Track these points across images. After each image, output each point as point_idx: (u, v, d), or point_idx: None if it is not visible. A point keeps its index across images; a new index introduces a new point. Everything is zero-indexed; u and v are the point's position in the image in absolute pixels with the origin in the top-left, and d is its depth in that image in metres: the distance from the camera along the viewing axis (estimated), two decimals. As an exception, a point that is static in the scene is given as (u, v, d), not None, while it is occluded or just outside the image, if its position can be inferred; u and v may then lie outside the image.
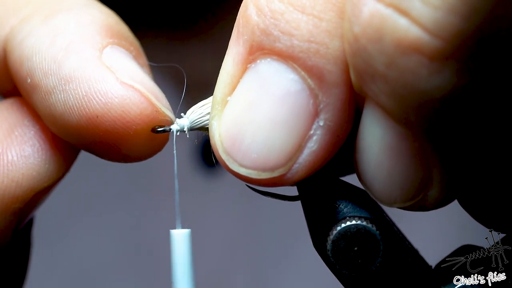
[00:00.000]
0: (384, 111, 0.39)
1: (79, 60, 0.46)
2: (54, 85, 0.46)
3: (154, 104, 0.46)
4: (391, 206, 0.43)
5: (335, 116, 0.41)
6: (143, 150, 0.48)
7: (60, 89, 0.46)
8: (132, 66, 0.48)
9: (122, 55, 0.48)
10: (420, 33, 0.36)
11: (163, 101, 0.47)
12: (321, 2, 0.40)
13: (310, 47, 0.40)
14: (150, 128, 0.47)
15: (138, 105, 0.46)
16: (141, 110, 0.46)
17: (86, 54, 0.46)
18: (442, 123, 0.38)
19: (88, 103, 0.45)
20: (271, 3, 0.41)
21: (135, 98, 0.46)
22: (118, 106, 0.45)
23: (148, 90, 0.47)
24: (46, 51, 0.46)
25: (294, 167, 0.42)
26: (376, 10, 0.37)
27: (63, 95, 0.45)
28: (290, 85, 0.41)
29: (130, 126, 0.46)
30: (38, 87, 0.46)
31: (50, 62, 0.46)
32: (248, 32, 0.41)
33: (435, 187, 0.41)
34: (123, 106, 0.45)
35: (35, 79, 0.47)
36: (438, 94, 0.37)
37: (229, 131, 0.42)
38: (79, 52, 0.46)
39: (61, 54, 0.46)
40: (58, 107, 0.46)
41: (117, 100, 0.45)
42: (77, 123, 0.46)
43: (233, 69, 0.42)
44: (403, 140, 0.40)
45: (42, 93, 0.46)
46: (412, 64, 0.37)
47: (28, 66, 0.47)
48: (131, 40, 0.50)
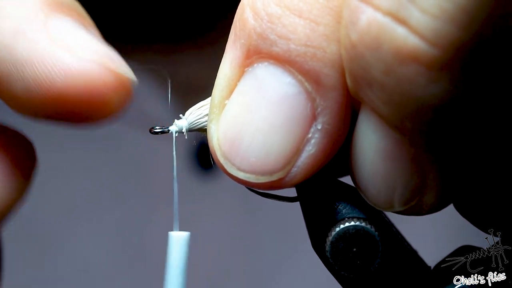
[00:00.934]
0: (380, 117, 0.39)
1: (29, 41, 0.46)
2: (10, 72, 0.46)
3: (114, 70, 0.46)
4: (386, 210, 0.43)
5: (333, 119, 0.41)
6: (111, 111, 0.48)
7: (18, 75, 0.45)
8: (82, 35, 0.47)
9: (70, 25, 0.47)
10: (418, 42, 0.36)
11: (118, 61, 0.47)
12: (318, 7, 0.40)
13: (307, 51, 0.40)
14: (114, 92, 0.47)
15: (99, 75, 0.45)
16: (103, 79, 0.46)
17: (34, 33, 0.46)
18: (438, 130, 0.38)
19: (50, 85, 0.45)
20: (268, 7, 0.41)
21: (94, 70, 0.45)
22: (80, 81, 0.45)
23: (105, 56, 0.46)
24: None
25: (292, 170, 0.42)
26: (374, 18, 0.37)
27: (23, 81, 0.45)
28: (287, 89, 0.41)
29: (96, 96, 0.46)
30: None
31: (1, 49, 0.46)
32: (245, 36, 0.41)
33: (430, 192, 0.41)
34: (86, 81, 0.45)
35: None
36: (435, 102, 0.37)
37: (227, 134, 0.42)
38: (26, 34, 0.46)
39: (8, 39, 0.46)
40: (20, 93, 0.46)
41: (78, 75, 0.45)
42: (42, 103, 0.46)
43: (230, 72, 0.42)
44: (398, 145, 0.40)
45: (1, 81, 0.46)
46: (409, 72, 0.36)
47: None
48: (75, 6, 0.49)
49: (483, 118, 0.38)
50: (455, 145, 0.39)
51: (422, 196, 0.41)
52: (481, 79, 0.36)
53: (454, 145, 0.39)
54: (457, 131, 0.38)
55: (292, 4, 0.40)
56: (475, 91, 0.37)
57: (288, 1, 0.40)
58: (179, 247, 0.46)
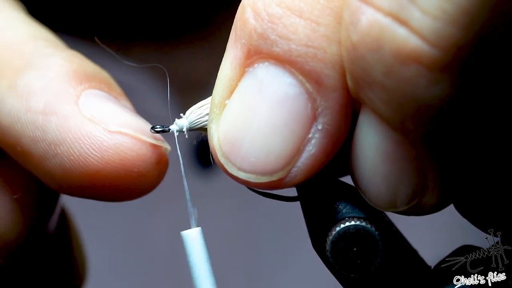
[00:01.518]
0: (381, 118, 0.39)
1: (61, 120, 0.45)
2: (44, 150, 0.46)
3: (147, 142, 0.46)
4: (386, 210, 0.43)
5: (333, 119, 0.41)
6: (147, 184, 0.48)
7: (52, 153, 0.45)
8: (113, 108, 0.47)
9: (99, 98, 0.47)
10: (419, 43, 0.36)
11: (150, 132, 0.47)
12: (319, 7, 0.40)
13: (307, 52, 0.40)
14: (151, 165, 0.47)
15: (132, 148, 0.46)
16: (137, 152, 0.46)
17: (65, 111, 0.46)
18: (439, 131, 0.38)
19: (84, 161, 0.45)
20: (269, 7, 0.41)
21: (127, 143, 0.46)
22: (114, 155, 0.45)
23: (138, 128, 0.47)
24: (25, 117, 0.46)
25: (292, 170, 0.42)
26: (374, 19, 0.37)
27: (58, 158, 0.45)
28: (288, 89, 0.41)
29: (132, 169, 0.46)
30: (30, 154, 0.46)
31: (33, 129, 0.46)
32: (246, 36, 0.41)
33: (430, 192, 0.41)
34: (119, 154, 0.45)
35: (24, 147, 0.46)
36: (436, 103, 0.37)
37: (227, 135, 0.42)
38: (57, 112, 0.46)
39: (40, 119, 0.46)
40: (56, 170, 0.46)
41: (112, 150, 0.45)
42: (79, 180, 0.46)
43: (231, 72, 0.42)
44: (398, 146, 0.40)
45: (35, 159, 0.46)
46: (410, 73, 0.37)
47: (12, 135, 0.47)
48: (102, 76, 0.49)
49: (483, 118, 0.38)
50: (456, 145, 0.39)
51: (422, 197, 0.41)
52: (481, 80, 0.36)
53: (455, 146, 0.39)
54: (458, 132, 0.38)
55: (293, 5, 0.40)
56: (475, 92, 0.37)
57: (289, 1, 0.40)
58: (194, 244, 0.46)
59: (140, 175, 0.46)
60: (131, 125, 0.46)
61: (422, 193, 0.41)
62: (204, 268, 0.45)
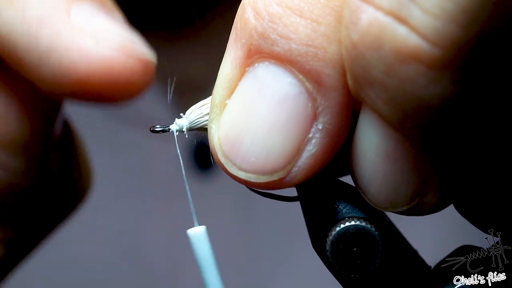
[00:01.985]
0: (381, 117, 0.39)
1: (52, 31, 0.47)
2: (37, 59, 0.47)
3: (134, 56, 0.48)
4: (386, 210, 0.43)
5: (334, 119, 0.41)
6: (137, 90, 0.49)
7: (45, 62, 0.47)
8: (102, 20, 0.49)
9: (91, 10, 0.49)
10: (419, 42, 0.36)
11: (139, 44, 0.49)
12: (319, 6, 0.40)
13: (308, 51, 0.40)
14: (137, 75, 0.48)
15: (118, 60, 0.47)
16: (123, 64, 0.47)
17: (57, 23, 0.47)
18: (439, 130, 0.38)
19: (73, 70, 0.47)
20: (269, 7, 0.41)
21: (113, 55, 0.47)
22: (101, 66, 0.47)
23: (123, 40, 0.48)
24: (21, 28, 0.48)
25: (293, 170, 0.42)
26: (375, 18, 0.37)
27: (49, 67, 0.47)
28: (288, 89, 0.41)
29: (118, 79, 0.47)
30: (25, 61, 0.48)
31: (27, 38, 0.47)
32: (246, 36, 0.41)
33: (431, 192, 0.41)
34: (106, 65, 0.47)
35: (19, 55, 0.48)
36: (436, 102, 0.37)
37: (228, 134, 0.42)
38: (49, 24, 0.47)
39: (34, 29, 0.47)
40: (47, 77, 0.47)
41: (99, 62, 0.47)
42: (69, 88, 0.47)
43: (231, 72, 0.42)
44: (399, 145, 0.40)
45: (29, 66, 0.48)
46: (410, 72, 0.36)
47: (9, 43, 0.48)
48: None
49: (484, 118, 0.38)
50: (456, 145, 0.39)
51: (423, 196, 0.41)
52: (482, 79, 0.36)
53: (455, 145, 0.39)
54: (458, 131, 0.38)
55: (293, 4, 0.40)
56: (476, 90, 0.37)
57: (289, 0, 0.40)
58: (201, 242, 0.46)
59: (127, 83, 0.48)
60: (119, 37, 0.48)
61: (422, 193, 0.41)
62: (213, 265, 0.46)
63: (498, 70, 0.36)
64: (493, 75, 0.37)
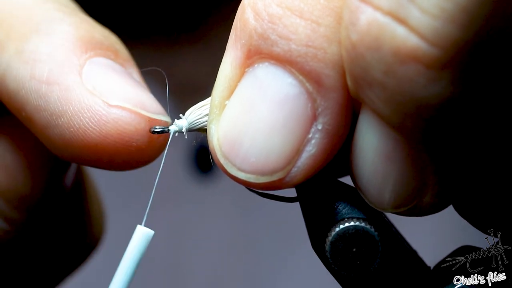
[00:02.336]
0: (380, 117, 0.39)
1: (62, 91, 0.46)
2: (47, 120, 0.46)
3: (146, 116, 0.47)
4: (385, 211, 0.43)
5: (333, 119, 0.41)
6: (146, 156, 0.48)
7: (54, 124, 0.46)
8: (115, 79, 0.47)
9: (103, 68, 0.48)
10: (418, 42, 0.36)
11: (154, 107, 0.48)
12: (319, 7, 0.40)
13: (308, 52, 0.40)
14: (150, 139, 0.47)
15: (131, 123, 0.46)
16: (136, 126, 0.46)
17: (67, 82, 0.46)
18: (438, 130, 0.38)
19: (84, 134, 0.46)
20: (269, 7, 0.41)
21: (126, 118, 0.46)
22: (113, 129, 0.46)
23: (138, 102, 0.47)
24: (29, 85, 0.46)
25: (292, 171, 0.42)
26: (374, 19, 0.37)
27: (58, 129, 0.46)
28: (288, 89, 0.41)
29: (130, 143, 0.46)
30: (33, 121, 0.47)
31: (36, 97, 0.46)
32: (246, 36, 0.41)
33: (429, 193, 0.41)
34: (118, 129, 0.46)
35: (28, 113, 0.47)
36: (435, 101, 0.37)
37: (227, 135, 0.42)
38: (60, 83, 0.46)
39: (44, 88, 0.46)
40: (57, 140, 0.46)
41: (110, 124, 0.46)
42: (79, 151, 0.46)
43: (231, 73, 0.42)
44: (398, 146, 0.40)
45: (38, 126, 0.47)
46: (409, 72, 0.36)
47: (18, 101, 0.47)
48: (109, 43, 0.49)
49: (483, 118, 0.38)
50: (455, 145, 0.39)
51: (422, 197, 0.41)
52: (481, 79, 0.36)
53: (454, 145, 0.39)
54: (457, 131, 0.38)
55: (293, 5, 0.40)
56: (475, 90, 0.37)
57: (289, 1, 0.40)
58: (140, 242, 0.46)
59: (139, 149, 0.47)
60: (132, 98, 0.47)
61: (421, 194, 0.41)
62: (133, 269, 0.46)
63: (497, 70, 0.36)
64: (492, 75, 0.37)
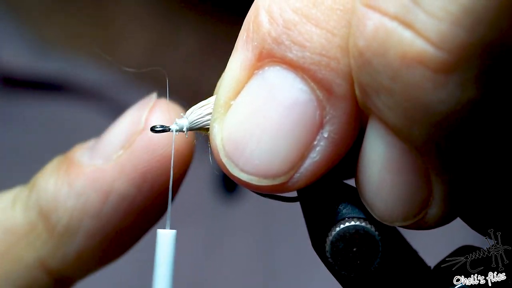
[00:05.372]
0: (388, 127, 0.39)
1: None
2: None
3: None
4: (393, 224, 0.42)
5: (340, 129, 0.41)
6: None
7: None
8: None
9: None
10: (425, 45, 0.36)
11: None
12: (335, 18, 0.40)
13: (321, 60, 0.40)
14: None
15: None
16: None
17: None
18: (446, 139, 0.38)
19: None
20: (285, 13, 0.40)
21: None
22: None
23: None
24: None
25: (295, 176, 0.42)
26: (381, 24, 0.37)
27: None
28: (298, 95, 0.41)
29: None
30: None
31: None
32: (259, 39, 0.41)
33: (437, 204, 0.41)
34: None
35: None
36: (443, 107, 0.36)
37: (232, 135, 0.42)
38: None
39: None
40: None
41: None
42: None
43: (240, 74, 0.42)
44: (405, 156, 0.39)
45: None
46: (416, 77, 0.36)
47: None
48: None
49: (493, 125, 0.37)
50: (464, 154, 0.38)
51: (428, 210, 0.41)
52: (490, 84, 0.36)
53: (463, 155, 0.39)
54: (466, 140, 0.38)
55: (310, 13, 0.40)
56: (484, 96, 0.36)
57: (306, 9, 0.40)
58: (165, 245, 0.46)
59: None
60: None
61: (428, 206, 0.41)
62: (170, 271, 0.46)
63: (506, 74, 0.36)
64: (501, 79, 0.36)
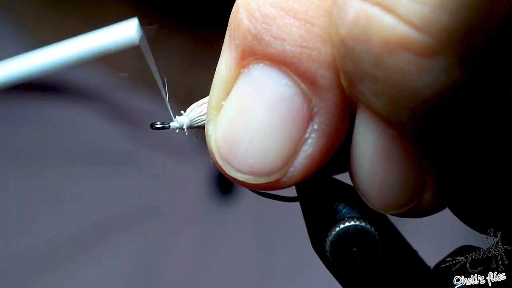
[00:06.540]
0: (375, 114, 0.39)
1: None
2: None
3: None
4: (387, 213, 0.42)
5: (329, 119, 0.41)
6: None
7: None
8: None
9: None
10: (407, 30, 0.35)
11: None
12: (313, 7, 0.40)
13: (302, 52, 0.40)
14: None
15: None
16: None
17: None
18: (433, 124, 0.37)
19: None
20: (262, 7, 0.40)
21: None
22: None
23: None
24: None
25: (289, 171, 0.42)
26: (361, 10, 0.36)
27: None
28: (283, 90, 0.41)
29: None
30: None
31: None
32: (240, 37, 0.41)
33: (429, 191, 0.41)
34: None
35: None
36: (428, 92, 0.36)
37: (225, 136, 0.42)
38: None
39: None
40: None
41: None
42: None
43: (227, 74, 0.42)
44: (395, 143, 0.39)
45: None
46: (400, 62, 0.36)
47: None
48: None
49: (477, 108, 0.37)
50: (451, 139, 0.38)
51: (422, 196, 0.41)
52: (473, 67, 0.36)
53: (450, 139, 0.38)
54: (452, 124, 0.37)
55: (287, 5, 0.40)
56: (468, 79, 0.36)
57: (282, 1, 0.40)
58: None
59: None
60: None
61: (421, 193, 0.41)
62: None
63: (490, 56, 0.36)
64: (484, 62, 0.36)
